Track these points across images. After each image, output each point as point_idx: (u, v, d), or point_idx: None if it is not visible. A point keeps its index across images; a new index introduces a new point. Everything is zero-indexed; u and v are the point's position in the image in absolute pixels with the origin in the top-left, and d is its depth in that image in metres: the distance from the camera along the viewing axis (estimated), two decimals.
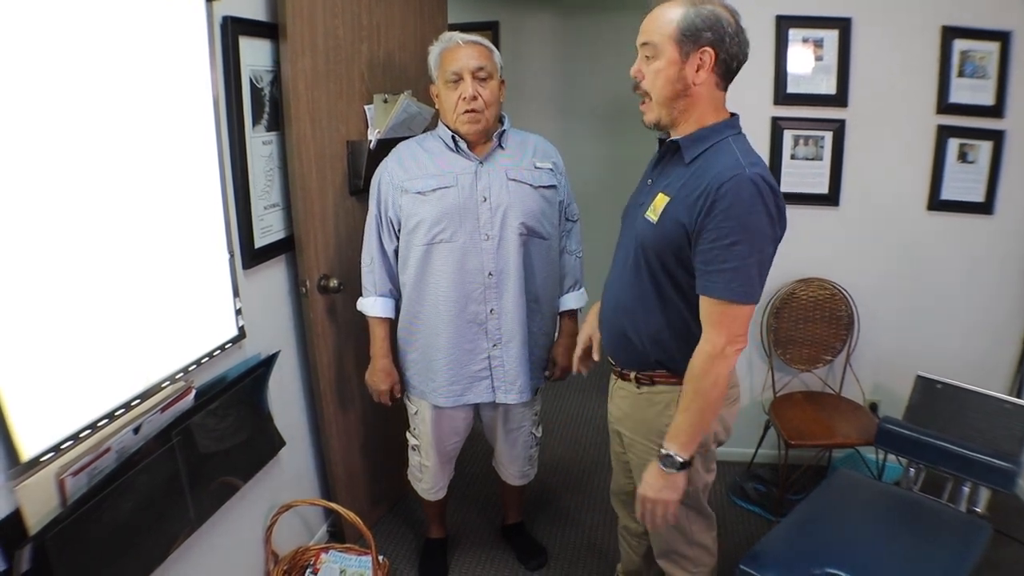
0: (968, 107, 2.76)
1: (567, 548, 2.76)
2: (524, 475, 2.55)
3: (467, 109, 2.05)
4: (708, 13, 1.50)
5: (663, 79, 1.56)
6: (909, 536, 2.00)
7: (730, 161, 1.51)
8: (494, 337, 2.20)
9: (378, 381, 2.31)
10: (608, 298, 1.84)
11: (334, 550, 2.43)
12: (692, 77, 1.54)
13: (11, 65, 1.25)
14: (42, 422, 1.36)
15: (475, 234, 2.11)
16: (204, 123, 1.84)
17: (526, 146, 2.21)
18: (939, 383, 2.60)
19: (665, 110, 1.60)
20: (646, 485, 1.67)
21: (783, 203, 1.53)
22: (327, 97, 2.27)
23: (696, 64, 1.53)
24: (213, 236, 1.90)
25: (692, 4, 1.52)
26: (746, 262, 1.48)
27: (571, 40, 4.50)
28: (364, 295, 2.28)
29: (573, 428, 3.75)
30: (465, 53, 2.06)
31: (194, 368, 1.81)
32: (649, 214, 1.63)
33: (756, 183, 1.46)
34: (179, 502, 1.75)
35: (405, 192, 2.12)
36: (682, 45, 1.52)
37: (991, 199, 2.83)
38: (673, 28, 1.52)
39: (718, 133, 1.58)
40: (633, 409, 1.83)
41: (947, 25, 2.69)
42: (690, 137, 1.60)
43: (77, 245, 1.42)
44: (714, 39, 1.51)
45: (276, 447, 2.23)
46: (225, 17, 1.92)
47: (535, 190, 2.15)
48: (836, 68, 2.80)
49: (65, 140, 1.38)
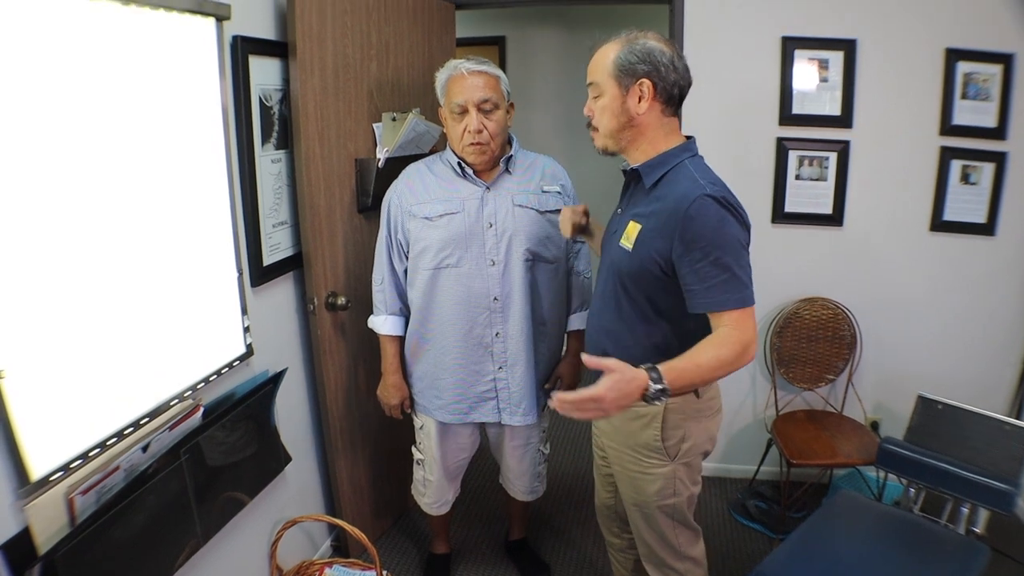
0: (971, 129, 2.77)
1: (570, 564, 2.77)
2: (532, 491, 2.54)
3: (472, 142, 2.06)
4: (640, 48, 1.61)
5: (608, 113, 1.67)
6: (909, 558, 2.01)
7: (689, 183, 1.59)
8: (499, 360, 2.21)
9: (389, 396, 2.33)
10: (592, 321, 1.91)
11: (338, 564, 2.44)
12: (635, 108, 1.64)
13: (27, 86, 1.27)
14: (51, 441, 1.38)
15: (481, 260, 2.12)
16: (214, 141, 1.87)
17: (534, 169, 2.21)
18: (940, 403, 2.61)
19: (612, 140, 1.71)
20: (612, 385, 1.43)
21: (744, 213, 1.61)
22: (336, 115, 2.29)
23: (637, 95, 1.63)
24: (222, 254, 1.93)
25: (627, 42, 1.63)
26: (734, 272, 1.54)
27: (578, 55, 4.50)
28: (375, 313, 2.30)
29: (577, 444, 3.75)
30: (470, 84, 2.04)
31: (202, 386, 1.83)
32: (624, 242, 1.71)
33: (718, 199, 1.54)
34: (186, 518, 1.77)
35: (413, 217, 2.14)
36: (620, 80, 1.63)
37: (993, 220, 2.83)
38: (610, 66, 1.64)
39: (674, 157, 1.67)
40: (618, 423, 1.85)
41: (951, 47, 2.71)
42: (647, 164, 1.69)
43: (87, 264, 1.44)
44: (649, 70, 1.61)
45: (282, 463, 2.25)
46: (235, 36, 1.95)
47: (541, 215, 2.16)
48: (841, 89, 2.81)
49: (76, 159, 1.41)
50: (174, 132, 1.70)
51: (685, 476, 1.81)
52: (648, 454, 1.79)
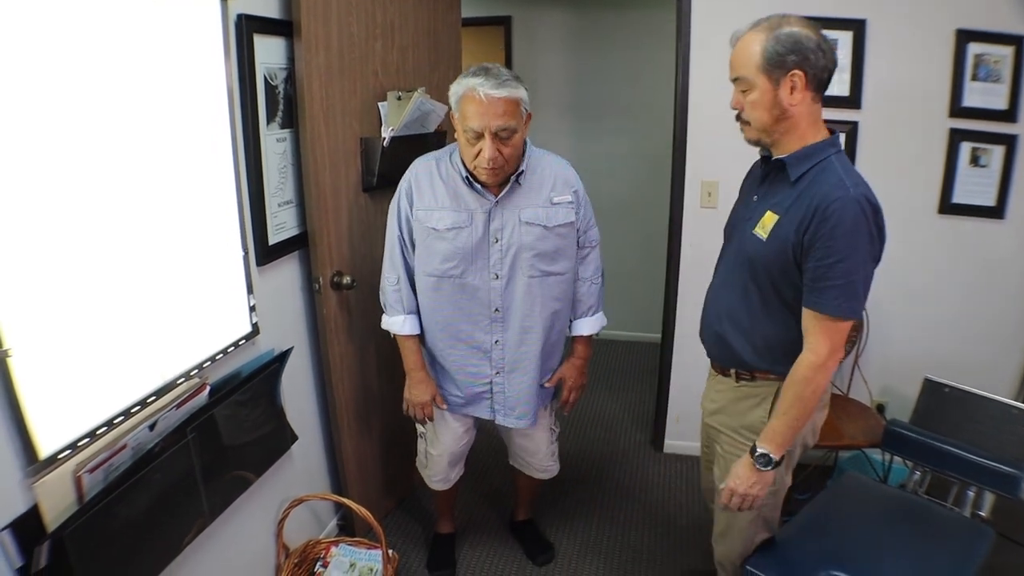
0: (981, 111, 2.74)
1: (574, 544, 2.79)
2: (547, 469, 2.52)
3: (486, 167, 1.95)
4: (787, 37, 1.56)
5: (761, 108, 1.63)
6: (913, 540, 2.01)
7: (835, 181, 1.57)
8: (497, 365, 2.22)
9: (419, 394, 2.27)
10: (711, 305, 1.93)
11: (344, 543, 2.46)
12: (788, 100, 1.60)
13: (31, 65, 1.27)
14: (59, 420, 1.38)
15: (484, 273, 2.10)
16: (218, 121, 1.85)
17: (544, 179, 2.10)
18: (947, 387, 2.61)
19: (765, 134, 1.67)
20: (737, 478, 1.76)
21: (883, 221, 1.59)
22: (341, 94, 2.28)
23: (789, 87, 1.58)
24: (227, 233, 1.92)
25: (770, 30, 1.57)
26: (852, 280, 1.56)
27: (585, 35, 4.48)
28: (390, 314, 2.23)
29: (582, 426, 3.77)
30: (489, 111, 1.87)
31: (209, 364, 1.84)
32: (758, 230, 1.71)
33: (860, 204, 1.53)
34: (193, 497, 1.78)
35: (419, 223, 2.09)
36: (771, 73, 1.58)
37: (1003, 203, 2.81)
38: (759, 60, 1.58)
39: (821, 152, 1.64)
40: (729, 402, 1.89)
41: (962, 28, 2.68)
42: (795, 155, 1.66)
43: (93, 244, 1.44)
44: (799, 60, 1.56)
45: (288, 442, 2.26)
46: (240, 15, 1.93)
47: (549, 231, 2.10)
48: (850, 70, 2.78)
49: (81, 140, 1.40)
50: (179, 112, 1.69)
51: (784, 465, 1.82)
52: (751, 437, 1.80)
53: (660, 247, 3.36)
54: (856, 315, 1.60)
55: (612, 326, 2.54)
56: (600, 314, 2.35)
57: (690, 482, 3.22)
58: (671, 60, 3.02)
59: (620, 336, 4.82)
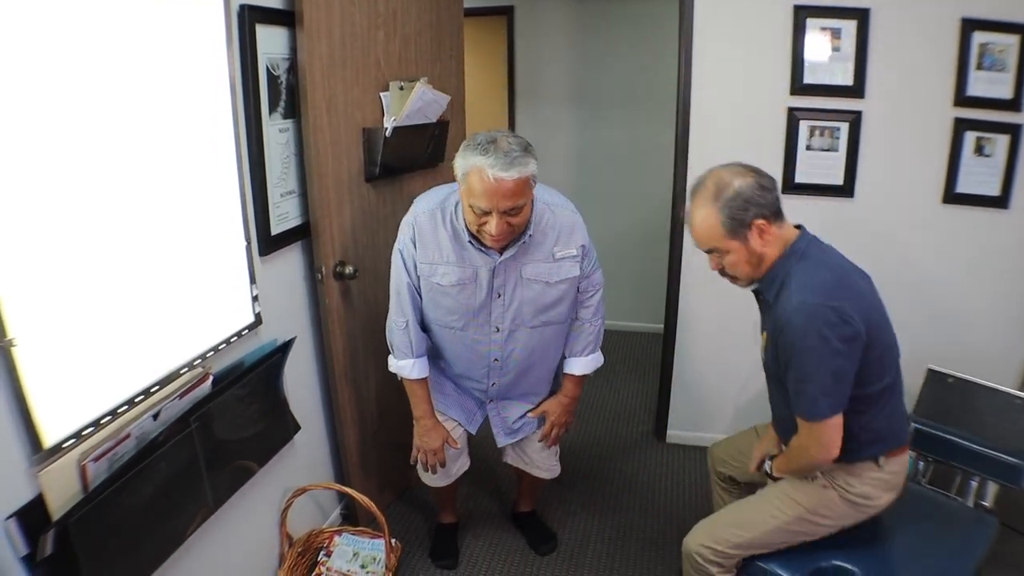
0: (986, 100, 2.72)
1: (577, 534, 2.79)
2: (550, 469, 2.51)
3: (492, 238, 1.90)
4: (734, 199, 1.68)
5: (742, 264, 1.77)
6: (916, 529, 2.01)
7: (786, 295, 1.69)
8: (492, 395, 2.31)
9: (430, 440, 2.26)
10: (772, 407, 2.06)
11: (347, 533, 2.47)
12: (761, 247, 1.73)
13: (36, 57, 1.27)
14: (63, 409, 1.39)
15: (486, 326, 2.13)
16: (221, 111, 1.85)
17: (547, 233, 2.04)
18: (950, 377, 2.61)
19: (755, 278, 1.81)
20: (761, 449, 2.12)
21: (848, 314, 1.62)
22: (343, 84, 2.27)
23: (758, 234, 1.71)
24: (230, 223, 1.92)
25: (716, 199, 1.70)
26: (811, 384, 1.66)
27: (587, 25, 4.46)
28: (398, 357, 2.19)
29: (584, 419, 3.76)
30: (498, 192, 1.77)
31: (212, 354, 1.84)
32: (763, 350, 1.89)
33: (809, 311, 1.62)
34: (197, 486, 1.79)
35: (422, 276, 2.07)
36: (737, 235, 1.71)
37: (1007, 193, 2.80)
38: (721, 231, 1.71)
39: (783, 268, 1.75)
40: None
41: (966, 17, 2.66)
42: (763, 281, 1.80)
43: (96, 235, 1.44)
44: (756, 211, 1.68)
45: (291, 432, 2.26)
46: (242, 5, 1.92)
47: (550, 286, 2.09)
48: (853, 58, 2.77)
49: (85, 131, 1.40)
50: (182, 103, 1.68)
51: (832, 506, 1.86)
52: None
53: (663, 237, 3.35)
54: (822, 416, 1.67)
55: (614, 316, 2.55)
56: (597, 354, 2.31)
57: (693, 472, 3.22)
58: (674, 50, 3.01)
59: (622, 326, 4.81)
